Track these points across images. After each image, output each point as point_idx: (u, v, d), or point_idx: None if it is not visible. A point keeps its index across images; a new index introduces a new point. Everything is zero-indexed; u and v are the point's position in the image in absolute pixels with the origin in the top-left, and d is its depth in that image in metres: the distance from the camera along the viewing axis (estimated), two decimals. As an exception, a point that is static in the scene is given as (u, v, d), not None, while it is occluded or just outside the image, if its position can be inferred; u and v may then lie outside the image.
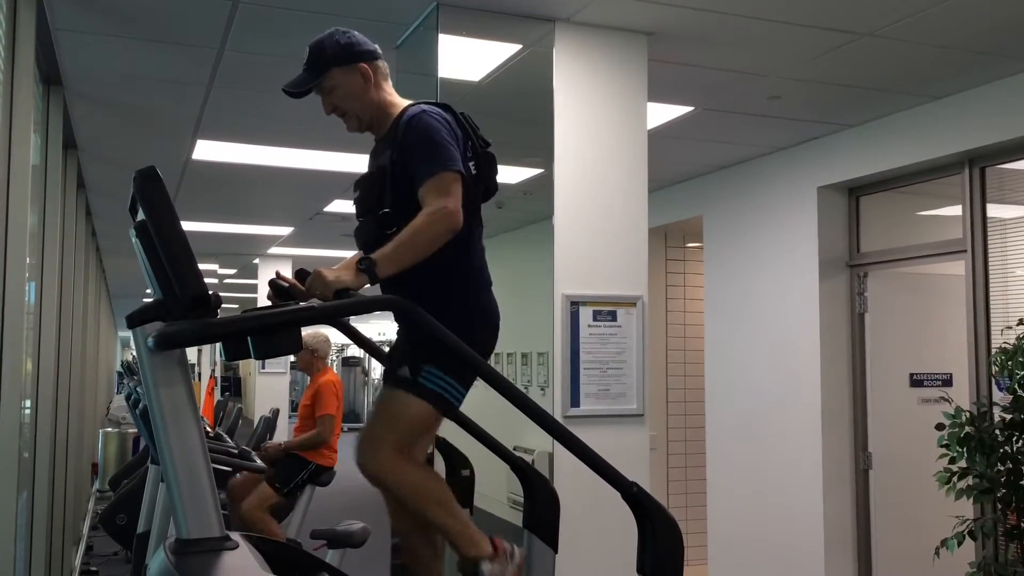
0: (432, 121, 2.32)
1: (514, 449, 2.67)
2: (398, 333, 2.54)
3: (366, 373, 21.03)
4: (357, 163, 4.62)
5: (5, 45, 3.11)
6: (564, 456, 1.99)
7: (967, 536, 3.92)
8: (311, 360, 5.79)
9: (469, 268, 2.43)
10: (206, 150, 5.83)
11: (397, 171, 2.33)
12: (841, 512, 5.34)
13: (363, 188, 2.46)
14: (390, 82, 2.51)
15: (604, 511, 2.69)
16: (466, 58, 4.00)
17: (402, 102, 2.48)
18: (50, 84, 4.47)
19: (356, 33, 2.47)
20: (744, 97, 4.67)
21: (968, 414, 3.99)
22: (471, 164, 2.39)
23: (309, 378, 5.92)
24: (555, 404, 3.54)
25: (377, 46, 2.50)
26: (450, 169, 2.27)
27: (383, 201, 2.35)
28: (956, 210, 4.82)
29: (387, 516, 2.56)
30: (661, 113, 4.85)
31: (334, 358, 20.14)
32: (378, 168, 2.40)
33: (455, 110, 2.43)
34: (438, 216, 2.21)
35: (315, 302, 2.04)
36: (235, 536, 1.82)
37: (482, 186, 2.46)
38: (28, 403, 4.04)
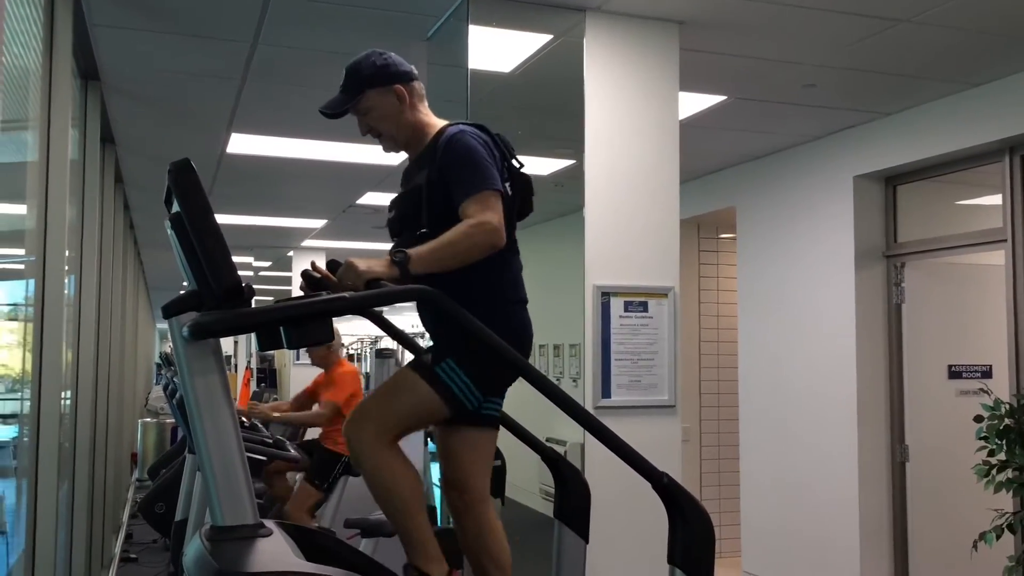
0: (471, 141, 2.32)
1: (546, 441, 2.67)
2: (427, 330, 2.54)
3: (399, 365, 21.11)
4: (389, 156, 4.64)
5: (43, 41, 3.16)
6: (595, 447, 1.99)
7: (1006, 529, 3.87)
8: (326, 354, 5.84)
9: (504, 286, 2.42)
10: (240, 143, 5.89)
11: (435, 191, 2.33)
12: (877, 505, 5.28)
13: (400, 207, 2.47)
14: (426, 103, 2.51)
15: (635, 502, 2.69)
16: (497, 49, 3.99)
17: (438, 122, 2.48)
18: (88, 79, 4.54)
19: (393, 55, 2.47)
20: (778, 86, 4.62)
21: (1008, 406, 3.93)
22: (507, 184, 2.39)
23: (325, 372, 5.98)
24: (586, 395, 3.53)
25: (413, 67, 2.50)
26: (491, 188, 2.27)
27: (420, 221, 2.35)
28: (996, 199, 4.73)
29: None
30: (693, 103, 4.81)
31: (368, 350, 20.27)
32: (415, 187, 2.40)
33: (491, 131, 2.44)
34: (481, 228, 2.21)
35: (347, 292, 2.05)
36: (269, 523, 1.84)
37: (517, 206, 2.45)
38: (68, 394, 4.12)
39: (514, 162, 2.44)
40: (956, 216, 5.38)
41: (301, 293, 2.23)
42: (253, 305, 1.75)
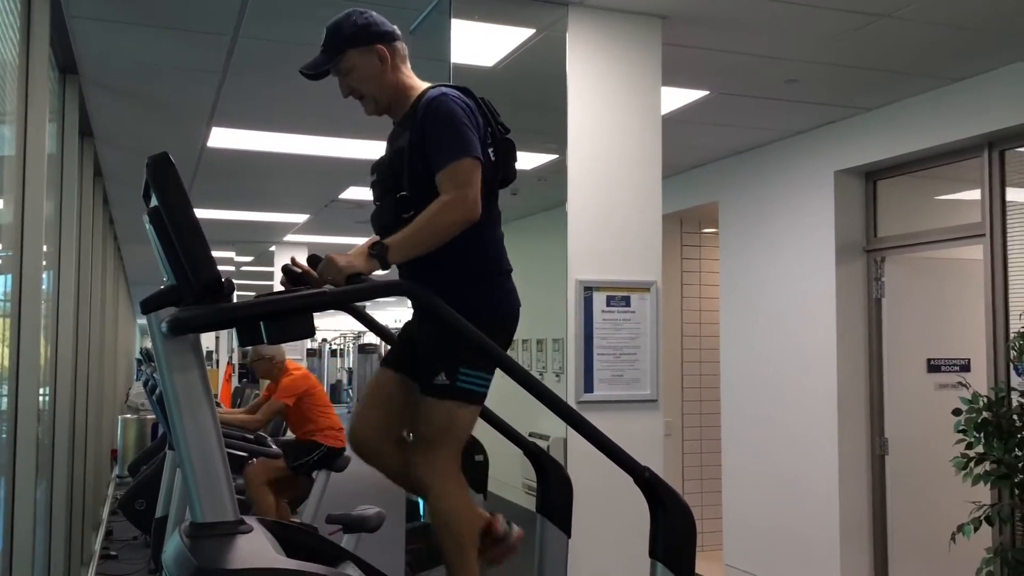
0: (452, 105, 2.28)
1: (529, 435, 2.67)
2: (413, 321, 2.53)
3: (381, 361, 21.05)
4: (372, 150, 4.62)
5: (20, 33, 3.12)
6: (578, 442, 1.99)
7: (983, 522, 3.90)
8: (269, 367, 5.84)
9: (489, 254, 2.41)
10: (221, 137, 5.85)
11: (415, 154, 2.31)
12: (857, 498, 5.32)
13: (380, 171, 2.44)
14: (408, 64, 2.47)
15: (617, 496, 2.70)
16: (479, 43, 3.98)
17: (421, 84, 2.44)
18: (66, 72, 4.49)
19: (374, 14, 2.42)
20: (760, 81, 4.63)
21: (986, 399, 3.96)
22: (490, 150, 2.35)
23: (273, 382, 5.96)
24: (568, 390, 3.54)
25: (396, 27, 2.47)
26: (469, 155, 2.23)
27: (401, 184, 2.33)
28: (975, 194, 4.77)
29: (401, 501, 2.58)
30: (676, 98, 4.82)
31: (351, 345, 20.23)
32: (396, 151, 2.38)
33: (475, 95, 2.40)
34: (454, 204, 2.19)
35: (327, 287, 2.04)
36: (250, 520, 1.83)
37: (500, 173, 2.42)
38: (46, 390, 4.08)
39: (499, 127, 2.40)
40: (936, 211, 5.42)
41: (282, 288, 2.22)
42: (233, 300, 1.74)
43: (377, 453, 2.47)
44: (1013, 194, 4.62)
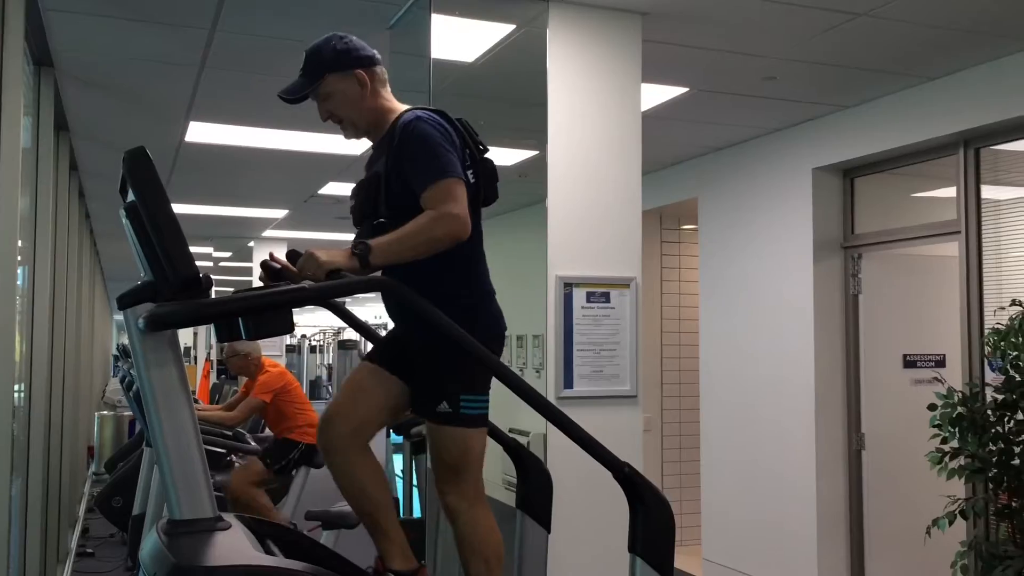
0: (428, 128, 2.28)
1: (509, 431, 2.68)
2: (396, 323, 2.52)
3: (362, 356, 20.96)
4: (352, 145, 4.61)
5: (-6, 26, 3.08)
6: (557, 437, 2.00)
7: (958, 515, 3.95)
8: (245, 364, 5.82)
9: (473, 275, 2.41)
10: (199, 132, 5.81)
11: (392, 178, 2.30)
12: (834, 492, 5.37)
13: (359, 196, 2.43)
14: (388, 88, 2.46)
15: (597, 492, 2.71)
16: (459, 39, 3.98)
17: (400, 107, 2.44)
18: (41, 65, 4.44)
19: (354, 39, 2.42)
20: (739, 78, 4.65)
21: (960, 395, 4.01)
22: (469, 172, 2.34)
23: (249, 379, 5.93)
24: (548, 385, 3.54)
25: (376, 52, 2.46)
26: (451, 176, 2.23)
27: (378, 210, 2.32)
28: (950, 191, 4.82)
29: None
30: (656, 94, 4.84)
31: (331, 341, 20.14)
32: (374, 175, 2.37)
33: (451, 116, 2.39)
34: (445, 220, 2.18)
35: (307, 283, 2.03)
36: (228, 517, 1.82)
37: (482, 194, 2.41)
38: (21, 387, 4.04)
39: (477, 148, 2.40)
40: (912, 208, 5.47)
41: (261, 284, 2.20)
42: (212, 296, 1.73)
43: (340, 451, 2.37)
44: (988, 191, 4.67)
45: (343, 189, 7.63)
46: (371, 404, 2.43)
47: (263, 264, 2.26)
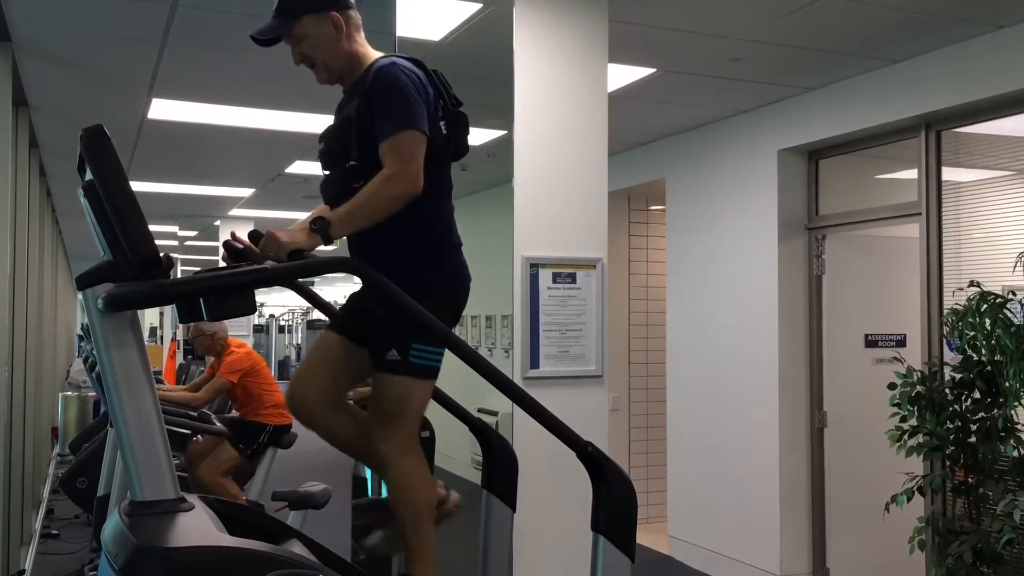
0: (401, 75, 2.26)
1: (478, 411, 2.68)
2: (363, 291, 2.52)
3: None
4: (318, 123, 4.55)
5: (-52, -1, 3.01)
6: (523, 417, 2.01)
7: (916, 492, 4.03)
8: (211, 343, 5.77)
9: (438, 228, 2.40)
10: (162, 109, 5.72)
11: (363, 122, 2.29)
12: (797, 469, 5.45)
13: (329, 140, 2.42)
14: (362, 33, 2.43)
15: (562, 471, 2.73)
16: (426, 17, 3.95)
17: (374, 54, 2.42)
18: (-2, 40, 4.35)
19: None
20: (705, 59, 4.67)
21: (919, 374, 4.08)
22: (441, 123, 2.34)
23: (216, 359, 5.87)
24: (515, 366, 3.55)
25: None
26: (413, 127, 2.22)
27: (349, 153, 2.31)
28: (912, 173, 4.88)
29: (348, 478, 2.56)
30: (623, 75, 4.84)
31: (299, 321, 20.02)
32: (344, 119, 2.35)
33: (427, 67, 2.38)
34: (395, 178, 2.18)
35: (269, 264, 2.02)
36: (191, 498, 1.81)
37: (452, 146, 2.41)
38: (-19, 367, 3.98)
39: (450, 100, 2.39)
40: (875, 190, 5.54)
41: (223, 264, 2.19)
42: (178, 276, 1.71)
43: (315, 415, 2.43)
44: (948, 174, 4.74)
45: (310, 168, 7.56)
46: (334, 368, 2.44)
47: (225, 244, 2.24)
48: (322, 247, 2.16)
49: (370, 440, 2.38)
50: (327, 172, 2.43)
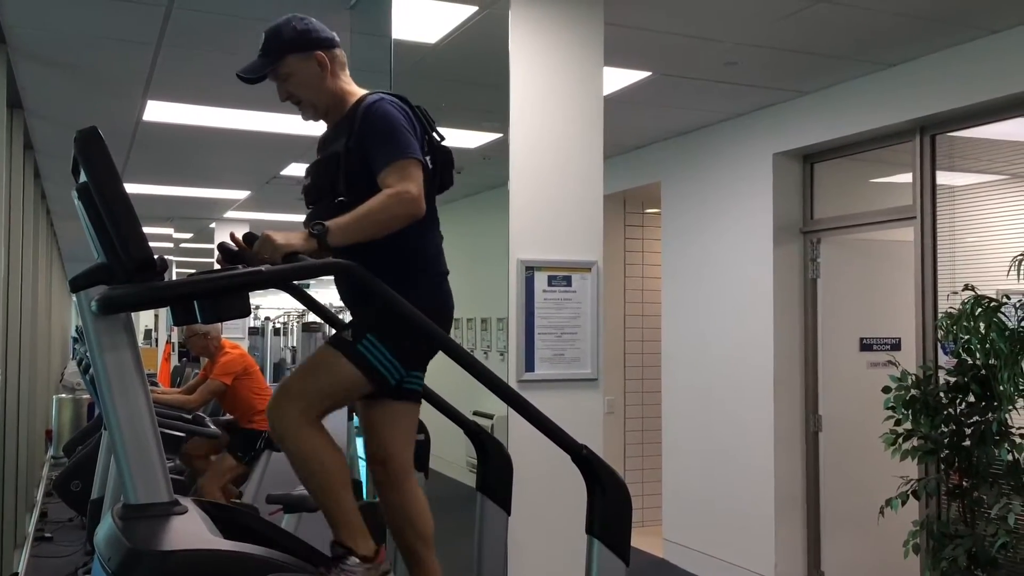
0: (391, 109, 2.30)
1: (473, 414, 2.68)
2: (345, 304, 2.51)
3: (326, 338, 20.82)
4: (314, 127, 4.55)
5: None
6: (518, 420, 2.00)
7: (911, 496, 4.03)
8: (205, 344, 5.75)
9: (426, 256, 2.41)
10: (157, 111, 5.71)
11: (353, 158, 2.31)
12: (791, 473, 5.46)
13: (315, 175, 2.43)
14: (347, 71, 2.47)
15: (557, 474, 2.72)
16: (421, 19, 3.95)
17: (358, 91, 2.45)
18: (-7, 42, 4.34)
19: (314, 20, 2.43)
20: (700, 63, 4.68)
21: (914, 377, 4.08)
22: (427, 158, 2.36)
23: (210, 360, 5.85)
24: (510, 369, 3.55)
25: (335, 34, 2.46)
26: (410, 156, 2.25)
27: (337, 189, 2.32)
28: (907, 177, 4.89)
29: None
30: (618, 78, 4.84)
31: (295, 324, 20.00)
32: (332, 155, 2.36)
33: (410, 102, 2.42)
34: (400, 198, 2.18)
35: (264, 266, 2.02)
36: (184, 501, 1.81)
37: (438, 180, 2.44)
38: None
39: (435, 135, 2.42)
40: (869, 194, 5.55)
41: (218, 267, 2.18)
42: (173, 278, 1.71)
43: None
44: (943, 177, 4.75)
45: (306, 170, 7.55)
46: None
47: (220, 246, 2.24)
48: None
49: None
50: (311, 207, 2.44)
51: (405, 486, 2.44)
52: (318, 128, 2.56)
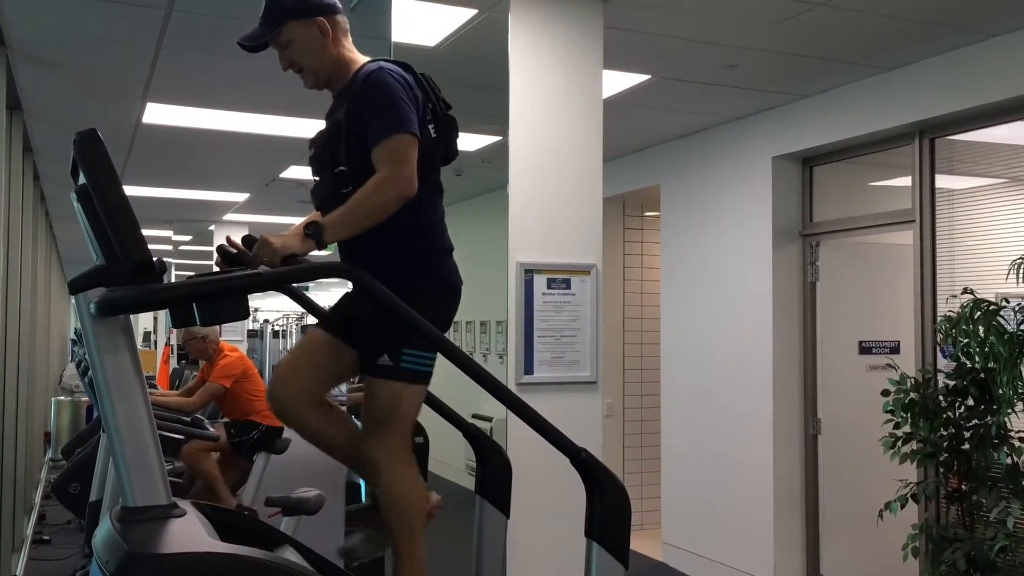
0: (390, 79, 2.26)
1: (472, 417, 2.68)
2: (353, 294, 2.51)
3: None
4: (313, 129, 4.54)
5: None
6: (517, 423, 2.00)
7: (910, 499, 4.03)
8: (203, 347, 5.75)
9: (429, 231, 2.39)
10: (157, 113, 5.71)
11: (353, 127, 2.28)
12: (790, 476, 5.45)
13: (318, 145, 2.42)
14: (349, 38, 2.43)
15: (556, 477, 2.72)
16: (421, 22, 3.95)
17: (361, 58, 2.42)
18: (-8, 44, 4.34)
19: None
20: (700, 66, 4.68)
21: (913, 381, 4.08)
22: (431, 127, 2.34)
23: (208, 363, 5.85)
24: (509, 371, 3.55)
25: (337, 0, 2.44)
26: (405, 131, 2.21)
27: (338, 158, 2.30)
28: (906, 181, 4.89)
29: (341, 484, 2.55)
30: (618, 81, 4.85)
31: (293, 326, 19.99)
32: (334, 124, 2.35)
33: (415, 70, 2.38)
34: (390, 182, 2.17)
35: (262, 269, 2.02)
36: (183, 504, 1.81)
37: (442, 149, 2.41)
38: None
39: (440, 104, 2.38)
40: (868, 197, 5.55)
41: (217, 269, 2.18)
42: (173, 280, 1.71)
43: (296, 412, 2.38)
44: (942, 181, 4.75)
45: (305, 173, 7.54)
46: (318, 366, 2.42)
47: (219, 249, 2.24)
48: (316, 252, 2.16)
49: (361, 446, 2.36)
50: (316, 177, 2.43)
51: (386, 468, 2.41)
52: (316, 130, 2.55)
